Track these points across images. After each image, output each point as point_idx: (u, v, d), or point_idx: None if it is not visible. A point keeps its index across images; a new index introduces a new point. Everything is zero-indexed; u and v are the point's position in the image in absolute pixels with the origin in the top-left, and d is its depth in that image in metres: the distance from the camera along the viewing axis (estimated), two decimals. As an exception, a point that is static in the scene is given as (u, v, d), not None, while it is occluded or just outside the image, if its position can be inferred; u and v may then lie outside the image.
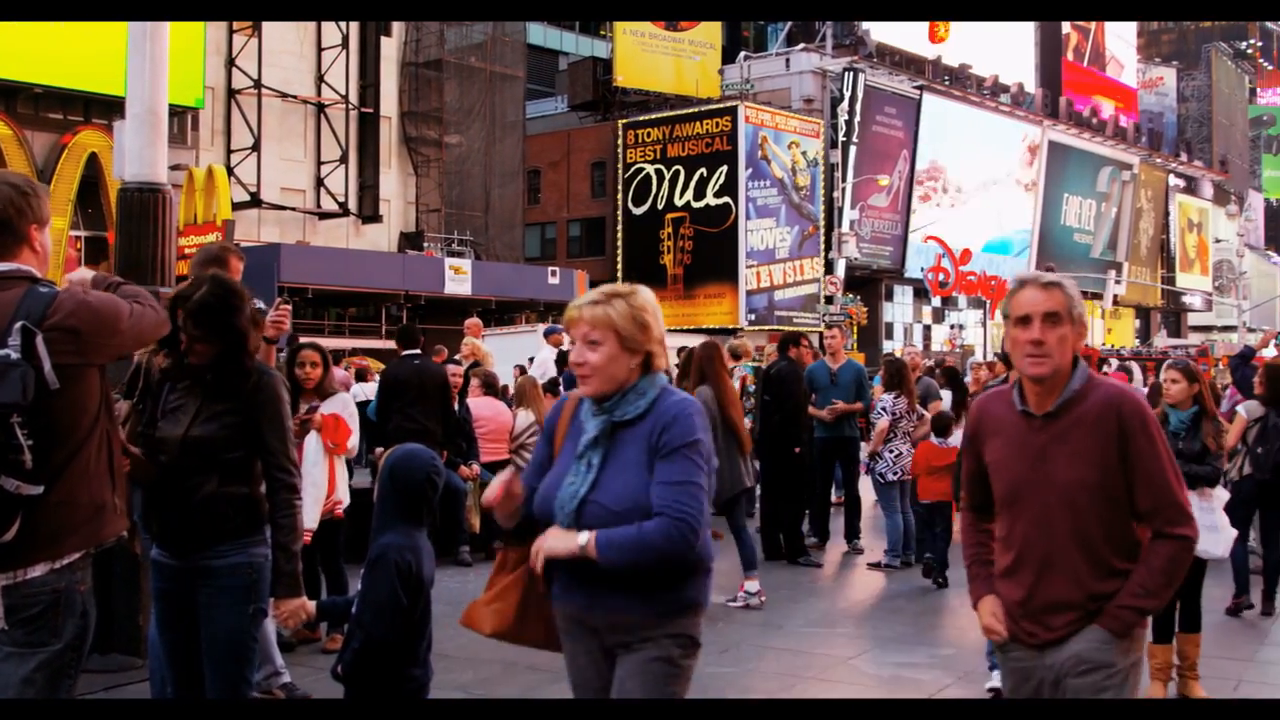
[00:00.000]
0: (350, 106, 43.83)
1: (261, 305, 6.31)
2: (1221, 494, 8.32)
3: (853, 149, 55.21)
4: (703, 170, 53.70)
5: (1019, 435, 4.30)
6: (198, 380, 5.09)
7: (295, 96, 42.45)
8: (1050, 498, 4.19)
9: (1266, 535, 11.47)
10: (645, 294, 4.28)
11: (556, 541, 4.07)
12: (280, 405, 5.22)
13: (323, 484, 8.80)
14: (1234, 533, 8.34)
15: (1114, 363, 27.84)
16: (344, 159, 43.57)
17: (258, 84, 40.95)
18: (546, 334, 19.65)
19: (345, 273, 38.71)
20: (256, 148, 40.96)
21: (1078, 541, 4.15)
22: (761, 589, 10.97)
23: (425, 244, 45.83)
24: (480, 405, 13.70)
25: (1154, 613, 4.46)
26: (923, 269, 56.43)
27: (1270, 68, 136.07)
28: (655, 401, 4.17)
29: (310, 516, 8.35)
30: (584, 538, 4.01)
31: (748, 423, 16.34)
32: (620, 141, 56.70)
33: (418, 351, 12.76)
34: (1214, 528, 7.97)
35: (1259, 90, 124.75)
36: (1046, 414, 4.23)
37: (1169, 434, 8.18)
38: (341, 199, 43.39)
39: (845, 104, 55.11)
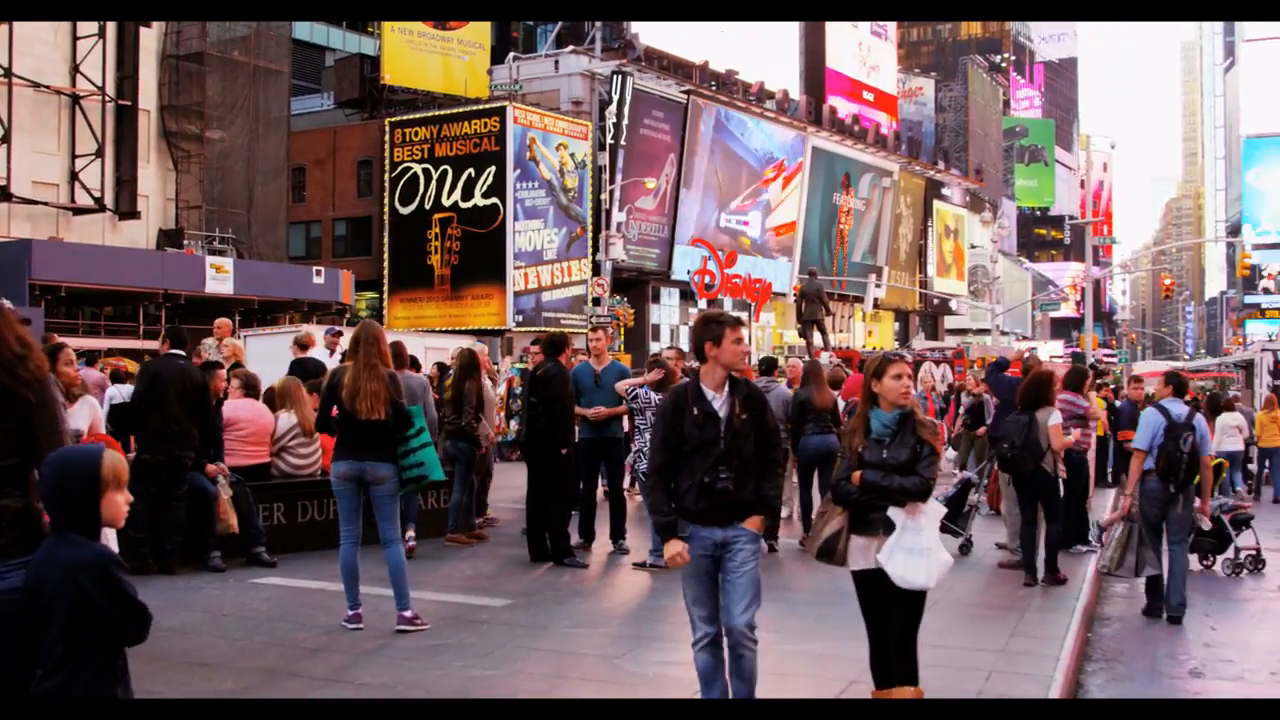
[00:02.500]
0: (107, 98, 42.47)
1: (9, 304, 6.06)
2: (935, 508, 7.13)
3: (620, 152, 55.73)
4: (471, 170, 53.55)
5: None
6: None
7: (48, 87, 40.99)
8: None
9: (1046, 513, 12.60)
10: None
11: None
12: (56, 407, 4.89)
13: None
14: (949, 558, 6.99)
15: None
16: (100, 153, 42.20)
17: (8, 73, 39.44)
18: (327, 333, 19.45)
19: (101, 271, 37.75)
20: (6, 139, 39.47)
21: None
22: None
23: (185, 242, 44.76)
24: (240, 407, 13.40)
25: None
26: (689, 271, 57.01)
27: (1023, 80, 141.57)
28: None
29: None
30: None
31: (514, 425, 16.44)
32: (387, 140, 56.23)
33: (183, 353, 12.44)
34: (921, 550, 6.78)
35: (1012, 102, 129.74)
36: None
37: (871, 441, 7.14)
38: (97, 194, 42.03)
39: (614, 107, 55.61)
